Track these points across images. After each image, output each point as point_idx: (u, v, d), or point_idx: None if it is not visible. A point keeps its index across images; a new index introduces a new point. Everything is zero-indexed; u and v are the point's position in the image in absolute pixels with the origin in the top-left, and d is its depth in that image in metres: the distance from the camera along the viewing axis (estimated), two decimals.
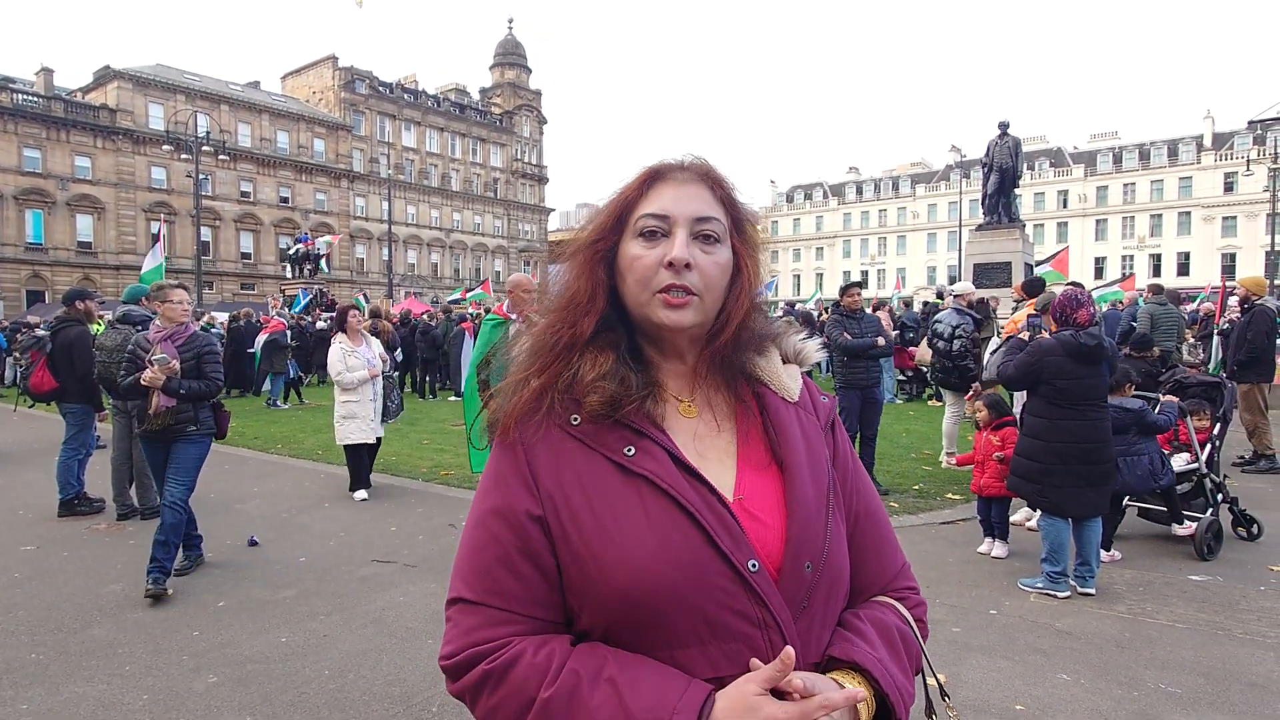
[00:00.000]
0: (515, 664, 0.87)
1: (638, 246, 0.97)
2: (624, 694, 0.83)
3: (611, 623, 0.89)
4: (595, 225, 1.02)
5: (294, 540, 5.69)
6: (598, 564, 0.88)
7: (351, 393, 6.95)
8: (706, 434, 1.00)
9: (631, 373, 0.96)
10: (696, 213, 0.97)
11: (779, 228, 78.26)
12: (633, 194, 1.00)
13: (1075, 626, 3.97)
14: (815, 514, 0.95)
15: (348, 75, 57.07)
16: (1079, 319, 4.46)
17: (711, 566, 0.88)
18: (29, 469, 8.34)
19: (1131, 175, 60.81)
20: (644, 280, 0.95)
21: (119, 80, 45.43)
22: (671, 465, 0.92)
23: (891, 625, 1.00)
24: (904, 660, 0.98)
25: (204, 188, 35.96)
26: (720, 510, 0.90)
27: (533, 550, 0.91)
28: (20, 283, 40.54)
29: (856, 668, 0.93)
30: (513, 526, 0.92)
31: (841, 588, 0.99)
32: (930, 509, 6.38)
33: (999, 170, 16.73)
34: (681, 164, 1.02)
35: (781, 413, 1.02)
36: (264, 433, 11.01)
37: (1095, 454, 4.37)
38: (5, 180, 40.72)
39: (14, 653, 3.74)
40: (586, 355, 0.97)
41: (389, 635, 3.92)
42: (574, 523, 0.90)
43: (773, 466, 0.98)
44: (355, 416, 6.95)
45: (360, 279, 53.59)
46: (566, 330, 0.99)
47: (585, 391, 0.94)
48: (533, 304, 4.27)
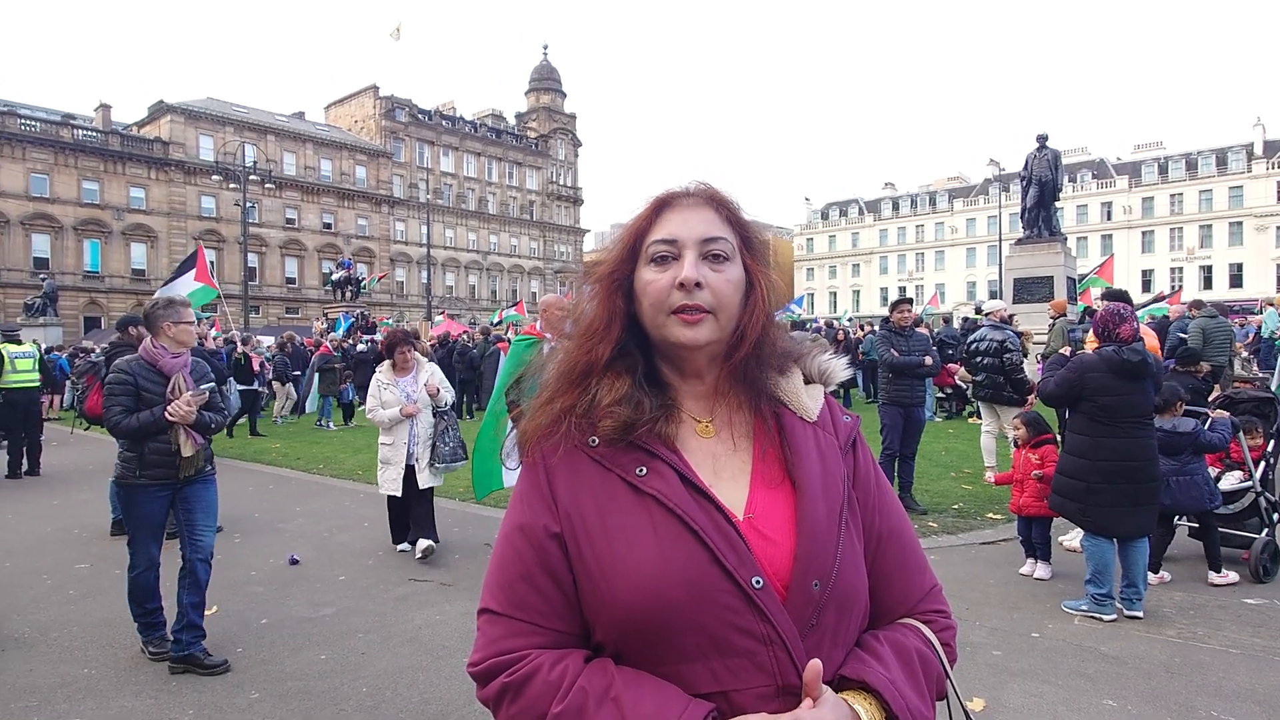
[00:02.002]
0: (531, 679, 0.92)
1: (650, 272, 1.01)
2: (626, 713, 0.86)
3: (621, 636, 0.92)
4: (611, 257, 1.06)
5: (334, 559, 5.80)
6: (607, 580, 0.92)
7: (386, 434, 5.83)
8: (723, 453, 1.02)
9: (646, 396, 1.00)
10: (703, 234, 1.00)
11: (814, 245, 77.84)
12: (643, 223, 1.05)
13: (1122, 651, 3.85)
14: (825, 532, 0.96)
15: (388, 104, 58.58)
16: (1122, 334, 4.34)
17: (716, 584, 0.89)
18: (84, 489, 8.64)
19: (1179, 185, 59.16)
20: (658, 302, 0.99)
21: (172, 114, 47.33)
22: (680, 485, 0.95)
23: (910, 647, 0.99)
24: (921, 683, 0.97)
25: (251, 215, 37.06)
26: (726, 528, 0.92)
27: (552, 566, 0.96)
28: (79, 309, 42.15)
29: (866, 687, 0.93)
30: (534, 543, 0.97)
31: (856, 607, 0.99)
32: (970, 529, 6.26)
33: (1038, 183, 16.50)
34: (687, 190, 1.05)
35: (797, 431, 1.03)
36: (306, 453, 11.25)
37: (1141, 472, 4.24)
38: (66, 212, 42.63)
39: (68, 667, 3.87)
40: (605, 380, 1.01)
41: (425, 653, 3.97)
42: (588, 540, 0.94)
43: (786, 485, 1.00)
44: (389, 463, 5.79)
45: (400, 301, 54.61)
46: (583, 356, 1.03)
47: (601, 416, 0.98)
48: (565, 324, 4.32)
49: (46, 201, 42.13)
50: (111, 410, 3.84)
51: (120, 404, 3.83)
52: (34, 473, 9.81)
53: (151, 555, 3.96)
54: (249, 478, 9.43)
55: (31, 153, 41.72)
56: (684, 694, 0.88)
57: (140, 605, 3.98)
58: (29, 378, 9.76)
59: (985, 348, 7.63)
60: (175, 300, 4.14)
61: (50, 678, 3.75)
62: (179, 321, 3.97)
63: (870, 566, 1.03)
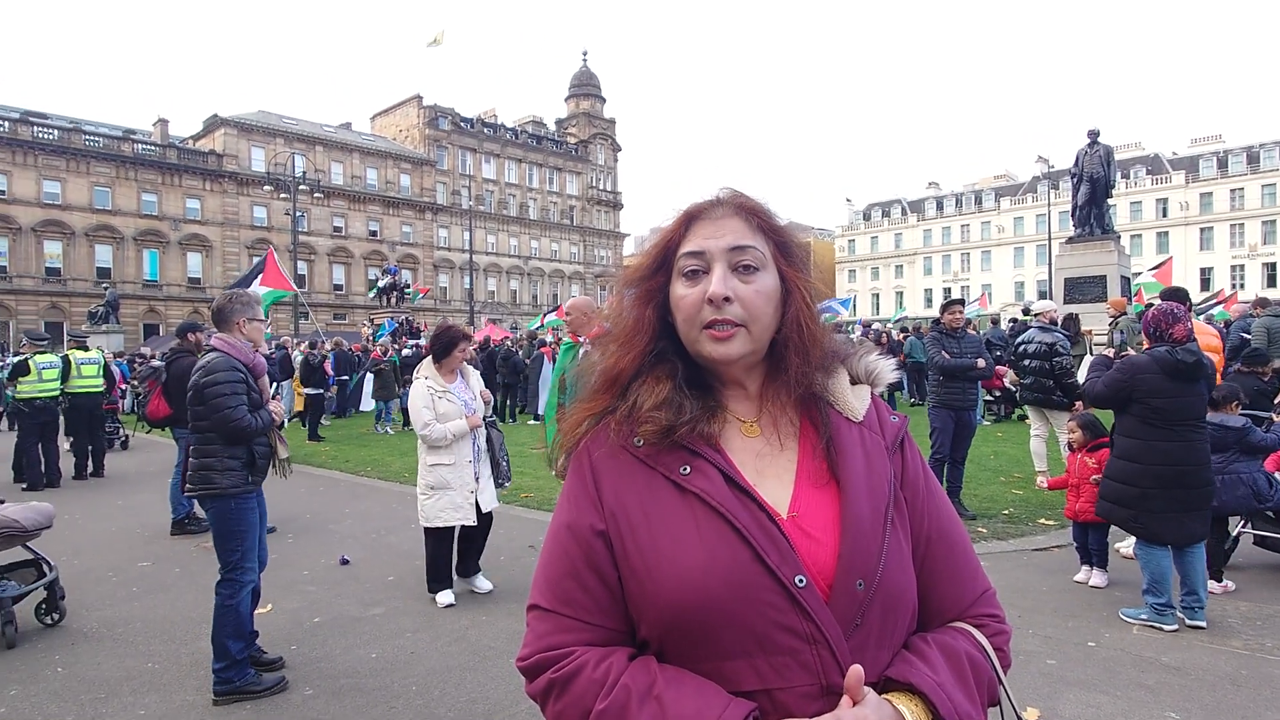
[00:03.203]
0: (576, 676, 0.93)
1: (682, 286, 1.02)
2: (668, 711, 0.87)
3: (665, 633, 0.93)
4: (642, 267, 1.08)
5: (383, 560, 5.91)
6: (652, 577, 0.93)
7: (443, 452, 4.74)
8: (768, 452, 1.02)
9: (687, 399, 1.01)
10: (731, 244, 1.01)
11: (856, 246, 76.86)
12: (673, 235, 1.06)
13: (1184, 662, 3.72)
14: (870, 532, 0.95)
15: (431, 113, 59.63)
16: (1175, 335, 4.20)
17: (758, 582, 0.90)
18: (146, 491, 8.96)
19: (1239, 180, 57.01)
20: (690, 318, 1.01)
21: (225, 127, 48.96)
22: (723, 483, 0.96)
23: (960, 651, 0.98)
24: (971, 687, 0.96)
25: (300, 224, 38.07)
26: (769, 526, 0.93)
27: (597, 563, 0.98)
28: (139, 317, 43.75)
29: (913, 690, 0.92)
30: (580, 541, 0.99)
31: (903, 608, 0.98)
32: (1022, 535, 6.10)
33: (1089, 180, 16.04)
34: (717, 199, 1.06)
35: (843, 432, 1.03)
36: (355, 456, 11.50)
37: (1194, 477, 4.11)
38: (126, 223, 44.41)
39: (133, 661, 4.02)
40: (646, 383, 1.03)
41: (472, 653, 4.02)
42: (632, 538, 0.96)
43: (831, 485, 1.00)
44: (448, 488, 4.74)
45: (443, 307, 55.45)
46: (617, 364, 1.06)
47: (643, 420, 1.00)
48: (592, 326, 4.34)
49: (109, 214, 43.95)
50: (236, 410, 3.59)
51: (242, 402, 3.63)
52: (98, 474, 10.22)
53: (256, 569, 3.75)
54: (300, 480, 9.66)
55: (95, 167, 43.60)
56: (725, 693, 0.89)
57: (242, 637, 3.58)
58: (93, 383, 10.16)
59: (1034, 350, 7.45)
60: (249, 297, 3.97)
61: (117, 671, 3.90)
62: (253, 319, 3.87)
63: (919, 568, 1.02)
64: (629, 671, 0.91)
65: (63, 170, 42.53)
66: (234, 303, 3.85)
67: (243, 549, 3.68)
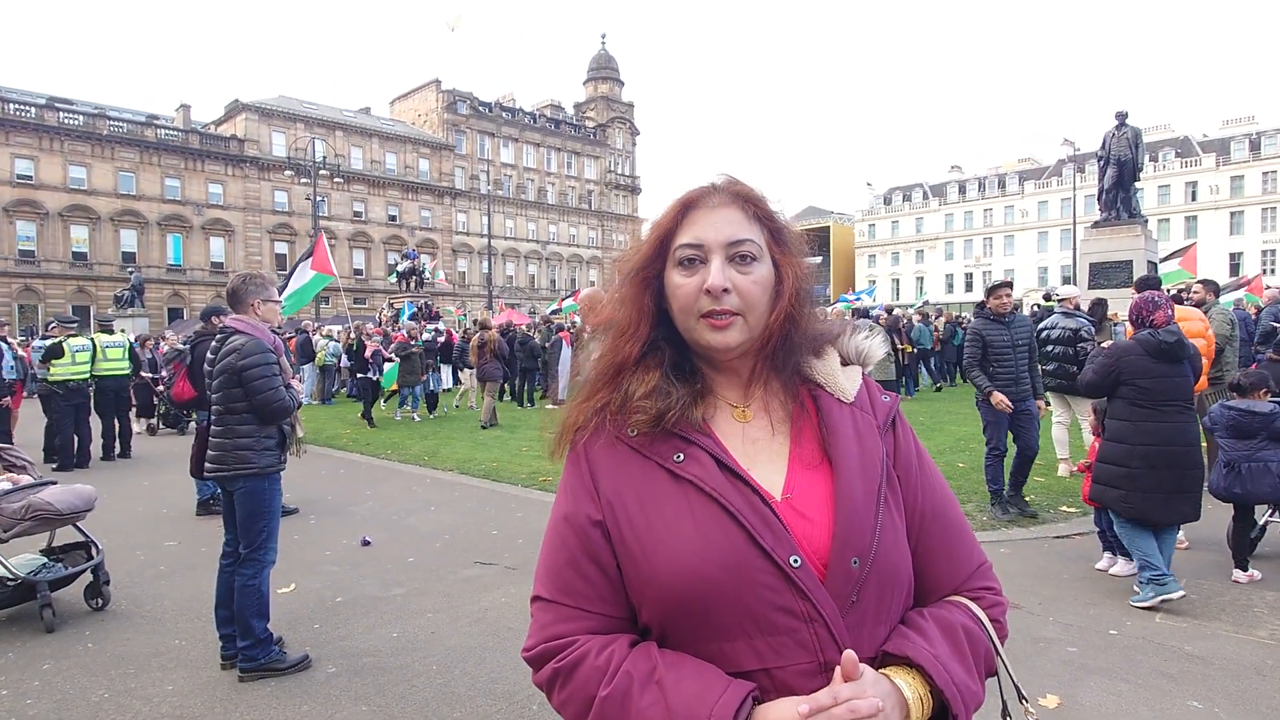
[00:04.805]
0: (579, 665, 0.96)
1: (678, 276, 1.02)
2: (669, 695, 0.89)
3: (666, 617, 0.95)
4: (638, 256, 1.08)
5: (403, 541, 5.98)
6: (649, 563, 0.95)
7: None
8: (760, 436, 1.04)
9: (675, 386, 1.02)
10: (730, 236, 1.01)
11: (876, 231, 76.05)
12: (669, 224, 1.05)
13: (1207, 651, 3.68)
14: (863, 510, 0.96)
15: (450, 97, 59.60)
16: (1155, 320, 4.41)
17: (753, 564, 0.92)
18: (172, 472, 9.11)
19: (1272, 163, 55.58)
20: (687, 307, 1.01)
21: (246, 112, 49.22)
22: (716, 469, 0.97)
23: (956, 623, 0.99)
24: (968, 659, 0.97)
25: (320, 209, 38.28)
26: (763, 509, 0.94)
27: (595, 553, 1.00)
28: (163, 301, 44.34)
29: (910, 663, 0.93)
30: (578, 531, 1.01)
31: (898, 585, 0.99)
32: (1043, 522, 6.06)
33: (1116, 163, 15.69)
34: (714, 187, 1.06)
35: (834, 412, 1.04)
36: (375, 439, 11.62)
37: (1185, 457, 4.25)
38: (150, 208, 44.89)
39: (161, 638, 4.11)
40: (636, 374, 1.04)
41: (491, 634, 4.07)
42: (629, 526, 0.98)
43: (824, 465, 1.01)
44: None
45: (462, 291, 55.67)
46: (615, 355, 1.07)
47: (634, 410, 1.02)
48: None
49: (133, 199, 44.42)
50: (278, 390, 3.68)
51: (281, 382, 3.69)
52: (125, 455, 10.43)
53: (277, 550, 3.82)
54: (321, 462, 9.79)
55: (120, 152, 44.03)
56: (725, 675, 0.90)
57: (265, 615, 3.65)
58: (119, 366, 10.33)
59: (1058, 336, 7.33)
60: (263, 278, 3.97)
61: (145, 647, 3.99)
62: (269, 300, 3.88)
63: (915, 545, 1.03)
64: (630, 658, 0.93)
65: (88, 156, 42.99)
66: (249, 284, 3.84)
67: (269, 529, 3.74)
